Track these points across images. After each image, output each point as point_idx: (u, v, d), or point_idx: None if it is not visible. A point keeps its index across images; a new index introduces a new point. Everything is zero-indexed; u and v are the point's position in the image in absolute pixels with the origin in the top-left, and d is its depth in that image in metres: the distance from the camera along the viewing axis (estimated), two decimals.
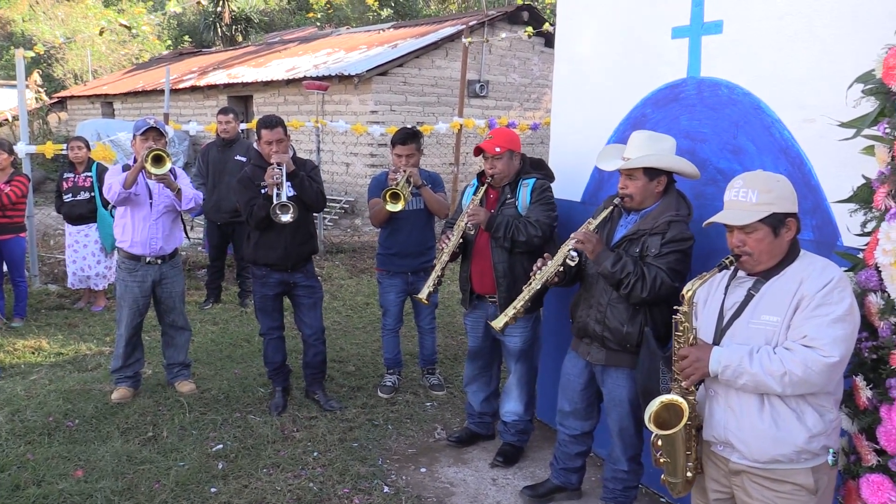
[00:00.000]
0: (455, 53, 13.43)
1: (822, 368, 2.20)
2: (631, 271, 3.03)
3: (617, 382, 3.32)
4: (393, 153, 4.77)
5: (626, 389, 3.28)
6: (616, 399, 3.33)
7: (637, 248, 3.13)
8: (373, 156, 13.01)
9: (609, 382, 3.35)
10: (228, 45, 26.89)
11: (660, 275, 3.01)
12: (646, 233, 3.11)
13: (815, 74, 2.92)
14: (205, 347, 6.07)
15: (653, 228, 3.10)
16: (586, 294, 3.37)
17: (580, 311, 3.39)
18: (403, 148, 4.70)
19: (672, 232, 3.06)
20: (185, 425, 4.52)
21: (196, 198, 4.88)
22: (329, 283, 8.40)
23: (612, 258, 3.07)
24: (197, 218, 9.49)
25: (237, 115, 7.28)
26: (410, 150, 4.71)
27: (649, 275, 3.02)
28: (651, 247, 3.08)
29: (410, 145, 4.71)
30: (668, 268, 3.03)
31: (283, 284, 4.68)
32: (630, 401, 3.28)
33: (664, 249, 3.05)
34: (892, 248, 2.27)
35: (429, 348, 5.28)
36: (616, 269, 3.05)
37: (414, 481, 3.98)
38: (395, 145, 4.73)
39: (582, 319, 3.36)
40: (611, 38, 3.96)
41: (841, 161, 2.77)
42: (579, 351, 3.46)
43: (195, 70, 18.81)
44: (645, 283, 3.01)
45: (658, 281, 3.00)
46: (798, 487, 2.32)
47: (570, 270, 3.33)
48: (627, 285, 3.04)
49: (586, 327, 3.33)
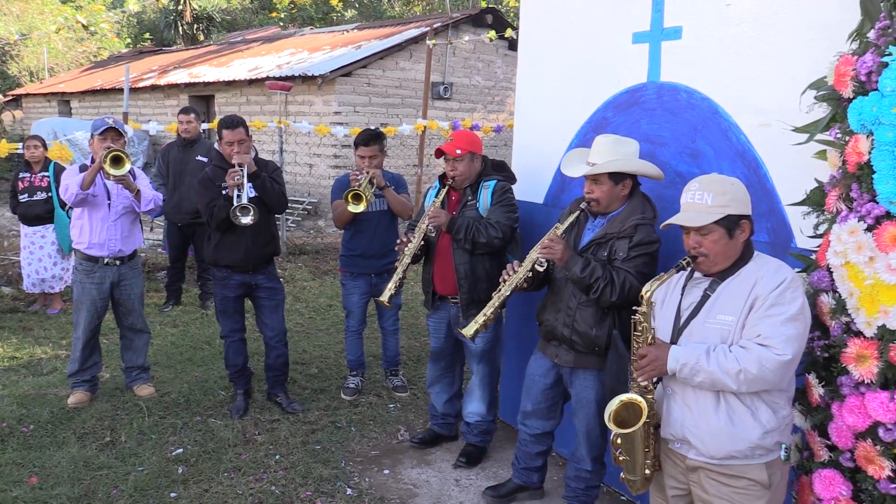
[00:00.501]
0: (419, 55, 13.44)
1: (775, 366, 2.25)
2: (600, 276, 3.06)
3: (585, 384, 3.35)
4: (356, 154, 4.76)
5: (594, 391, 3.31)
6: (584, 400, 3.37)
7: (605, 251, 3.16)
8: (336, 157, 12.96)
9: (577, 384, 3.39)
10: (190, 43, 26.54)
11: (628, 278, 3.05)
12: (613, 236, 3.15)
13: (771, 80, 2.99)
14: (164, 350, 5.98)
15: (620, 232, 3.14)
16: (554, 298, 3.40)
17: (548, 315, 3.41)
18: (366, 149, 4.69)
19: (639, 235, 3.10)
20: (144, 430, 4.45)
21: (156, 199, 4.82)
22: (292, 284, 8.34)
23: (580, 263, 3.10)
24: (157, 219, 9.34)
25: (198, 114, 7.19)
26: (373, 151, 4.70)
27: (618, 279, 3.05)
28: (619, 250, 3.12)
29: (373, 146, 4.70)
30: (636, 271, 3.07)
31: (244, 286, 4.64)
32: (598, 402, 3.31)
33: (632, 253, 3.09)
34: (843, 250, 2.34)
35: (392, 350, 5.28)
36: (585, 275, 3.08)
37: (377, 483, 3.97)
38: (358, 146, 4.72)
39: (550, 323, 3.38)
40: (573, 43, 4.00)
41: (795, 165, 2.84)
42: (547, 353, 3.48)
43: (155, 69, 18.53)
44: (614, 287, 3.05)
45: (627, 284, 3.04)
46: (753, 482, 2.38)
47: (539, 276, 3.35)
48: (597, 290, 3.07)
49: (554, 331, 3.36)
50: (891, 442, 2.22)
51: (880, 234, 2.21)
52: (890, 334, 2.20)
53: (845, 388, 2.35)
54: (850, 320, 2.34)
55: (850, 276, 2.32)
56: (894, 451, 2.22)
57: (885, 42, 2.22)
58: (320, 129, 10.24)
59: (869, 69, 2.24)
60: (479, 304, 3.89)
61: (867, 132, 2.25)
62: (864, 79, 2.27)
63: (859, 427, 2.31)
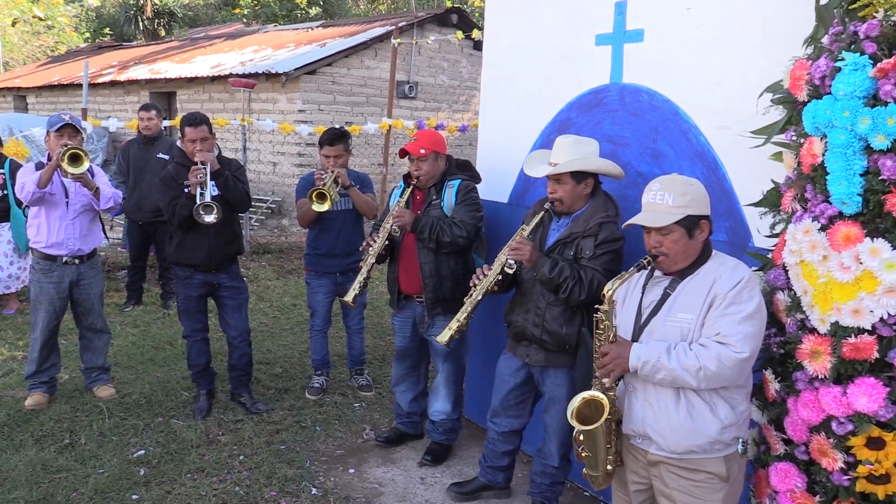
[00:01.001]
0: (384, 54, 13.41)
1: (734, 363, 2.31)
2: (568, 275, 3.10)
3: (556, 382, 3.39)
4: (321, 154, 4.74)
5: (566, 388, 3.35)
6: (556, 398, 3.40)
7: (571, 251, 3.20)
8: (300, 155, 12.86)
9: (549, 382, 3.42)
10: (150, 39, 26.08)
11: (596, 276, 3.09)
12: (579, 235, 3.20)
13: (729, 83, 3.06)
14: (125, 351, 5.89)
15: (585, 231, 3.18)
16: (522, 299, 3.42)
17: (517, 316, 3.44)
18: (331, 149, 4.68)
19: (604, 233, 3.15)
20: (105, 431, 4.38)
21: (115, 196, 4.74)
22: (256, 284, 8.27)
23: (549, 264, 3.13)
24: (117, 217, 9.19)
25: (159, 111, 7.09)
26: (338, 150, 4.69)
27: (586, 277, 3.09)
28: (585, 249, 3.16)
29: (338, 146, 4.69)
30: (603, 268, 3.11)
31: (207, 285, 4.59)
32: (569, 399, 3.35)
33: (598, 251, 3.14)
34: (798, 249, 2.40)
35: (357, 349, 5.27)
36: (554, 275, 3.11)
37: (342, 482, 3.96)
38: (323, 146, 4.70)
39: (520, 324, 3.41)
40: (537, 44, 4.04)
41: (752, 166, 2.90)
42: (517, 353, 3.51)
43: (115, 64, 18.18)
44: (583, 285, 3.09)
45: (595, 282, 3.08)
46: (711, 476, 2.44)
47: (508, 278, 3.37)
48: (566, 289, 3.11)
49: (524, 331, 3.39)
50: (843, 435, 2.29)
51: (833, 234, 2.28)
52: (843, 331, 2.27)
53: (800, 383, 2.42)
54: (805, 317, 2.41)
55: (805, 274, 2.39)
56: (846, 444, 2.29)
57: (837, 47, 2.29)
58: (284, 127, 10.17)
59: (823, 73, 2.30)
60: (444, 302, 3.93)
61: (821, 135, 2.32)
62: (818, 83, 2.33)
63: (813, 421, 2.37)
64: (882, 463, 2.24)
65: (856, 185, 2.21)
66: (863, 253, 2.19)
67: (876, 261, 2.17)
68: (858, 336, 2.23)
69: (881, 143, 2.14)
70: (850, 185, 2.22)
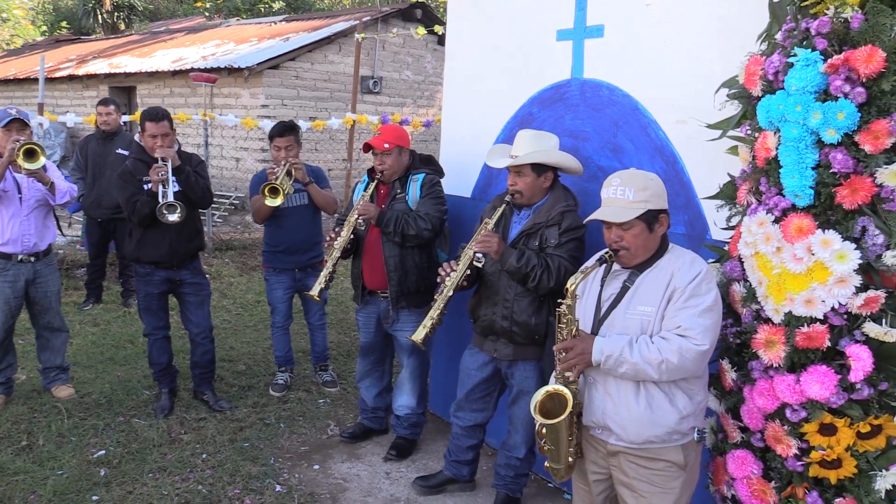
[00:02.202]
0: (348, 49, 13.32)
1: (694, 356, 2.35)
2: (536, 264, 3.13)
3: (525, 374, 3.41)
4: (272, 147, 4.75)
5: (534, 381, 3.38)
6: (525, 391, 3.42)
7: (536, 241, 3.24)
8: (264, 150, 12.73)
9: (518, 375, 3.44)
10: (110, 33, 25.58)
11: (563, 263, 3.14)
12: (542, 225, 3.24)
13: (687, 78, 3.10)
14: (85, 350, 5.78)
15: (548, 220, 3.23)
16: (489, 292, 3.44)
17: (484, 310, 3.45)
18: (282, 140, 4.69)
19: (567, 222, 3.20)
20: (64, 432, 4.30)
21: (71, 191, 4.65)
22: (218, 280, 8.18)
23: (515, 254, 3.16)
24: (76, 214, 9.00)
25: (118, 106, 6.96)
26: (289, 141, 4.70)
27: (553, 265, 3.13)
28: (550, 238, 3.20)
29: (288, 137, 4.71)
30: (569, 255, 3.16)
31: (168, 282, 4.53)
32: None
33: (563, 239, 3.19)
34: (752, 241, 2.45)
35: (320, 345, 5.25)
36: (521, 265, 3.14)
37: (307, 479, 3.95)
38: (274, 138, 4.73)
39: (487, 318, 3.43)
40: (499, 39, 4.05)
41: (710, 160, 2.95)
42: (484, 348, 3.52)
43: (73, 58, 17.80)
44: (550, 273, 3.13)
45: (562, 269, 3.12)
46: (670, 464, 2.48)
47: (475, 272, 3.40)
48: (535, 278, 3.14)
49: (493, 325, 3.40)
50: (797, 422, 2.34)
51: (786, 226, 2.32)
52: (796, 320, 2.32)
53: (755, 372, 2.47)
54: (760, 308, 2.45)
55: (760, 265, 2.44)
56: (800, 431, 2.35)
57: (790, 43, 2.33)
58: (247, 122, 10.05)
59: (776, 69, 2.35)
60: (409, 296, 3.93)
61: (774, 129, 2.36)
62: (772, 78, 2.38)
63: (768, 409, 2.43)
64: (834, 448, 2.30)
65: (808, 178, 2.26)
66: (815, 244, 2.24)
67: (827, 252, 2.22)
68: (811, 325, 2.29)
69: (832, 137, 2.19)
70: (802, 178, 2.27)
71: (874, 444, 2.29)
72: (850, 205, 2.21)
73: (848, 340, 2.26)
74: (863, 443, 2.29)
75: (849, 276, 2.20)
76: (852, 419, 2.27)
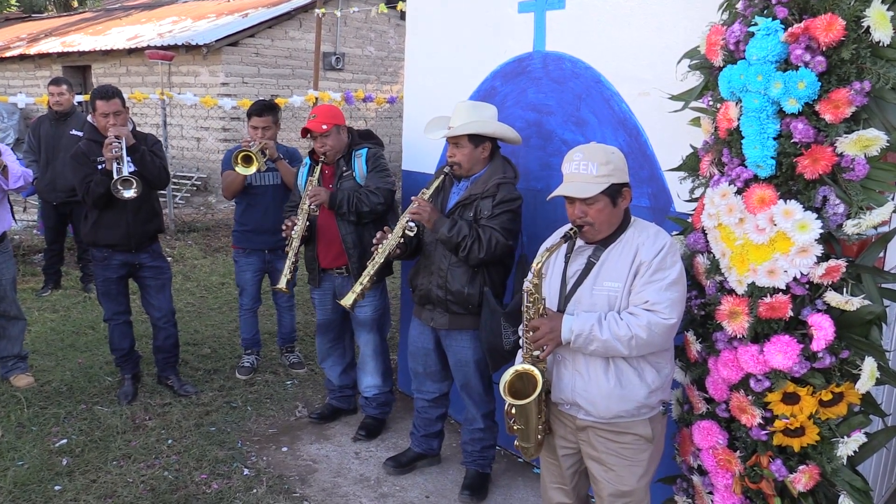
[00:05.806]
0: (309, 24, 13.09)
1: (663, 330, 2.35)
2: (466, 234, 3.15)
3: (461, 344, 3.43)
4: (249, 125, 4.64)
5: (471, 350, 3.41)
6: (462, 360, 3.45)
7: (471, 212, 3.25)
8: (225, 129, 12.51)
9: (454, 345, 3.46)
10: (62, 10, 24.81)
11: (494, 235, 3.15)
12: (477, 197, 3.25)
13: (649, 50, 3.08)
14: (44, 337, 5.65)
15: (483, 192, 3.24)
16: (426, 262, 3.46)
17: (421, 280, 3.47)
18: (259, 119, 4.57)
19: (501, 193, 3.21)
20: (24, 422, 4.20)
21: (25, 175, 4.50)
22: (181, 263, 8.04)
23: (447, 224, 3.19)
24: (31, 198, 8.76)
25: (71, 85, 6.74)
26: (267, 121, 4.59)
27: (484, 236, 3.15)
28: (483, 209, 3.22)
29: (267, 117, 4.59)
30: (501, 227, 3.17)
31: (126, 266, 4.42)
32: (475, 361, 3.43)
33: (496, 210, 3.20)
34: (715, 212, 2.45)
35: (287, 326, 5.19)
36: (452, 234, 3.16)
37: (275, 461, 3.91)
38: (251, 117, 4.60)
39: (424, 287, 3.44)
40: (460, 12, 3.99)
41: (672, 132, 2.94)
42: (422, 318, 3.55)
43: (24, 37, 17.26)
44: (481, 244, 3.15)
45: (493, 241, 3.14)
46: (638, 437, 2.49)
47: (412, 242, 3.44)
48: (465, 247, 3.16)
49: (429, 294, 3.42)
50: (760, 392, 2.36)
51: (749, 197, 2.32)
52: (759, 291, 2.33)
53: (720, 343, 2.48)
54: (724, 279, 2.46)
55: (723, 237, 2.44)
56: (764, 400, 2.37)
57: (751, 12, 2.31)
58: (206, 100, 9.83)
59: (737, 39, 2.33)
60: None
61: (736, 99, 2.35)
62: (733, 48, 2.36)
63: (733, 379, 2.44)
64: (797, 417, 2.32)
65: (769, 149, 2.25)
66: (777, 215, 2.25)
67: (789, 222, 2.22)
68: (773, 296, 2.30)
69: (792, 107, 2.19)
70: (763, 149, 2.26)
71: (836, 411, 2.32)
72: (812, 175, 2.21)
73: (810, 310, 2.28)
74: (825, 410, 2.32)
75: (810, 245, 2.21)
76: (815, 388, 2.30)
